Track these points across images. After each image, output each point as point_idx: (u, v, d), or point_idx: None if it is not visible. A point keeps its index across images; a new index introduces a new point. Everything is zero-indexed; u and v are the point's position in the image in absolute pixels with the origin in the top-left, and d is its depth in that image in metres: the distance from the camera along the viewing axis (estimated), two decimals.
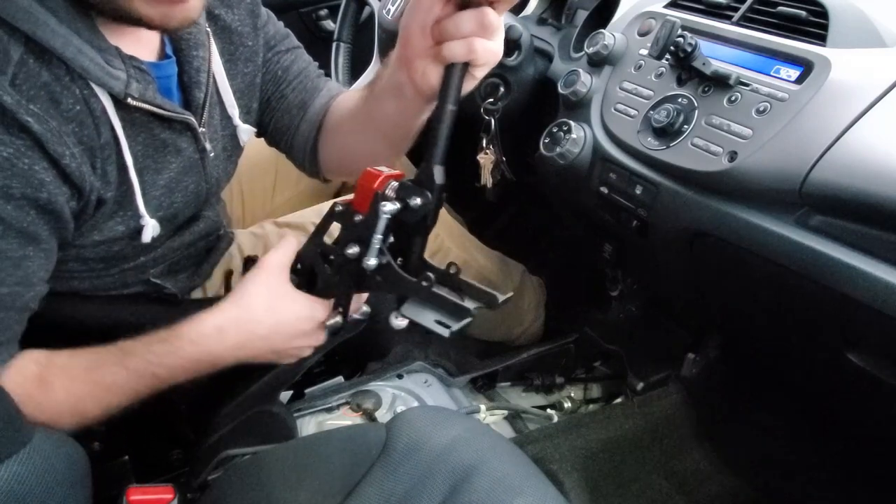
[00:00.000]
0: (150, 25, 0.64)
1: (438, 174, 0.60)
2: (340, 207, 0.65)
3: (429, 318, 0.63)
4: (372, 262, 0.62)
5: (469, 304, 0.61)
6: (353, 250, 0.65)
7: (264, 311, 0.73)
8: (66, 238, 0.68)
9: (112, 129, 0.67)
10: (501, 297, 0.61)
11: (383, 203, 0.60)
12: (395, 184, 0.62)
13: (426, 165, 0.61)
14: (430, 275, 0.62)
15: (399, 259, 0.65)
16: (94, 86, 0.64)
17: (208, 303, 0.95)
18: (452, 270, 0.63)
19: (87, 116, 0.65)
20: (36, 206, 0.62)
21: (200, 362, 0.72)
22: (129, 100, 0.66)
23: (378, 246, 0.62)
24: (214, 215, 0.92)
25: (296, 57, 0.93)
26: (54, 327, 0.71)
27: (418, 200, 0.60)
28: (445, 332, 0.62)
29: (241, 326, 0.73)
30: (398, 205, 0.61)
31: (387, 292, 0.66)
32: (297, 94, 0.92)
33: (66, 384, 0.69)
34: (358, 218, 0.64)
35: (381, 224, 0.61)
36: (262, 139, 0.98)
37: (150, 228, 0.74)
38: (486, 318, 1.26)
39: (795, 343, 0.95)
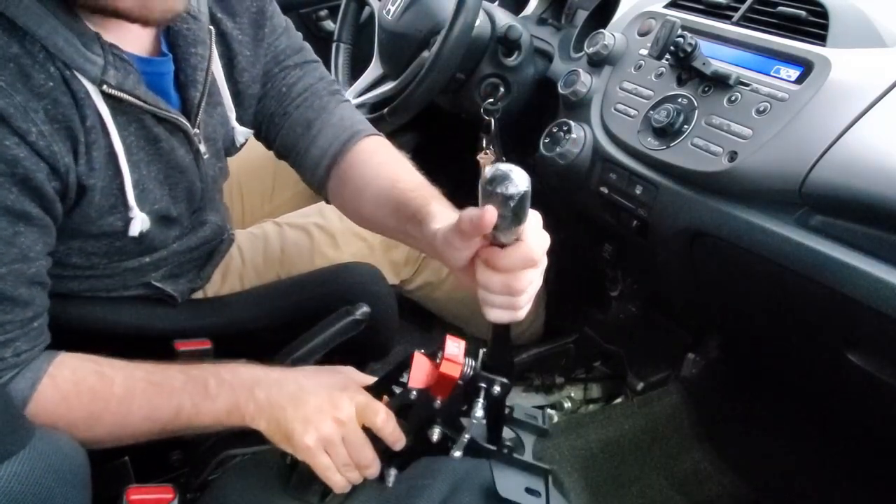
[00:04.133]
0: (129, 18, 0.62)
1: (510, 356, 0.65)
2: (415, 395, 0.66)
3: (520, 491, 0.68)
4: (458, 454, 0.66)
5: (541, 463, 0.70)
6: (436, 436, 0.67)
7: (305, 373, 0.71)
8: (56, 217, 0.67)
9: (98, 114, 0.66)
10: (545, 426, 0.74)
11: (477, 406, 0.64)
12: (470, 362, 0.64)
13: (498, 353, 0.65)
14: (508, 442, 0.70)
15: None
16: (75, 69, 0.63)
17: (208, 303, 0.96)
18: (507, 411, 0.71)
19: (65, 96, 0.63)
20: (16, 183, 0.61)
21: (238, 389, 0.69)
22: (106, 87, 0.65)
23: (467, 441, 0.66)
24: (220, 220, 0.91)
25: (305, 73, 0.90)
26: (53, 328, 0.71)
27: (498, 388, 0.64)
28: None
29: (280, 372, 0.71)
30: (483, 402, 0.64)
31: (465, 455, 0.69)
32: (302, 112, 0.89)
33: (127, 379, 0.69)
34: (437, 404, 0.66)
35: (472, 426, 0.65)
36: (259, 140, 0.97)
37: (139, 222, 0.73)
38: (484, 318, 1.26)
39: (795, 343, 0.95)
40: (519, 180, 0.50)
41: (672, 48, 0.87)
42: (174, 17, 0.65)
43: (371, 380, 0.72)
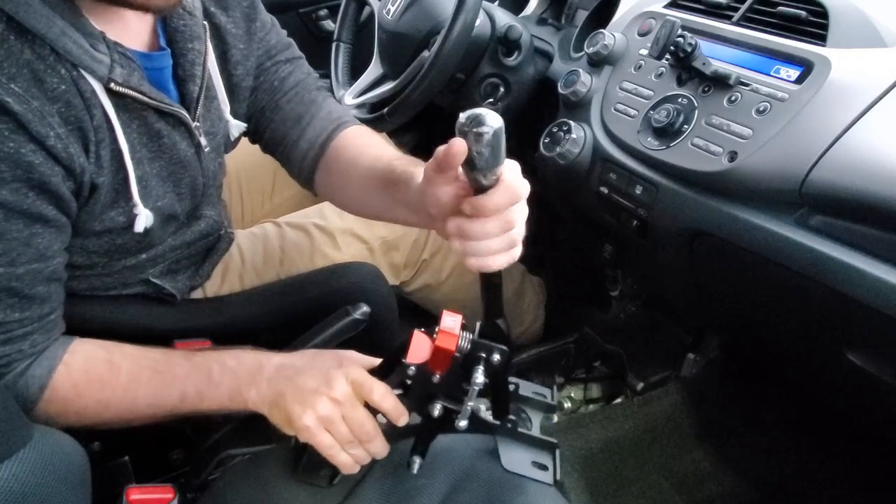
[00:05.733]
0: (131, 5, 0.63)
1: (505, 326, 0.65)
2: (413, 370, 0.66)
3: (526, 465, 0.70)
4: (464, 424, 0.66)
5: (548, 437, 0.71)
6: (437, 411, 0.67)
7: (303, 356, 0.72)
8: (71, 215, 0.68)
9: (104, 112, 0.67)
10: (553, 402, 0.74)
11: (475, 374, 0.63)
12: (467, 335, 0.64)
13: (492, 322, 0.65)
14: (513, 417, 0.70)
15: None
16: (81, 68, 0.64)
17: (207, 303, 0.96)
18: (512, 388, 0.71)
19: (76, 97, 0.64)
20: (32, 188, 0.62)
21: (241, 375, 0.71)
22: (113, 85, 0.66)
23: (470, 411, 0.66)
24: (216, 215, 0.91)
25: (294, 68, 0.92)
26: None
27: (497, 356, 0.64)
28: (549, 480, 0.70)
29: (282, 357, 0.72)
30: (485, 375, 0.64)
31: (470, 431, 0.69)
32: (293, 107, 0.92)
33: (134, 368, 0.71)
34: (436, 378, 0.66)
35: (475, 394, 0.64)
36: (246, 135, 0.97)
37: (144, 218, 0.73)
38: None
39: (795, 343, 0.95)
40: (491, 119, 0.52)
41: (672, 48, 0.87)
42: (175, 5, 0.65)
43: (375, 362, 0.72)
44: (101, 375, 0.70)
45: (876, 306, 0.70)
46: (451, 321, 0.64)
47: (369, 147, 0.88)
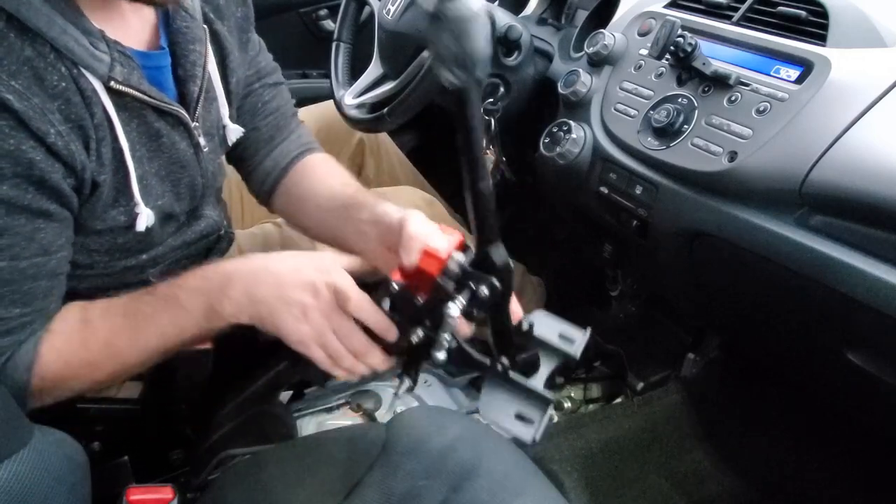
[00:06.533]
0: None
1: (499, 255, 0.55)
2: (396, 288, 0.59)
3: (508, 416, 0.61)
4: (441, 356, 0.59)
5: (545, 390, 0.61)
6: (416, 337, 0.61)
7: (281, 261, 0.69)
8: (73, 211, 0.68)
9: (105, 110, 0.67)
10: (575, 354, 0.64)
11: (449, 306, 0.55)
12: (458, 259, 0.56)
13: (483, 249, 0.55)
14: (505, 360, 0.61)
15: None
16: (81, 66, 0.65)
17: None
18: (525, 328, 0.62)
19: (76, 95, 0.64)
20: (32, 184, 0.62)
21: (209, 291, 0.69)
22: (113, 83, 0.66)
23: (447, 346, 0.59)
24: (216, 215, 0.92)
25: (277, 93, 0.96)
26: None
27: (486, 290, 0.55)
28: (528, 438, 0.61)
29: (254, 263, 0.70)
30: (464, 303, 0.55)
31: (455, 367, 0.62)
32: (269, 130, 0.95)
33: (107, 320, 0.71)
34: (419, 302, 0.59)
35: (449, 326, 0.57)
36: None
37: (145, 217, 0.74)
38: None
39: (795, 343, 0.95)
40: (462, 2, 0.42)
41: (672, 48, 0.87)
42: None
43: (353, 261, 0.68)
44: (82, 336, 0.70)
45: (876, 306, 0.70)
46: (443, 242, 0.57)
47: (333, 177, 0.92)
